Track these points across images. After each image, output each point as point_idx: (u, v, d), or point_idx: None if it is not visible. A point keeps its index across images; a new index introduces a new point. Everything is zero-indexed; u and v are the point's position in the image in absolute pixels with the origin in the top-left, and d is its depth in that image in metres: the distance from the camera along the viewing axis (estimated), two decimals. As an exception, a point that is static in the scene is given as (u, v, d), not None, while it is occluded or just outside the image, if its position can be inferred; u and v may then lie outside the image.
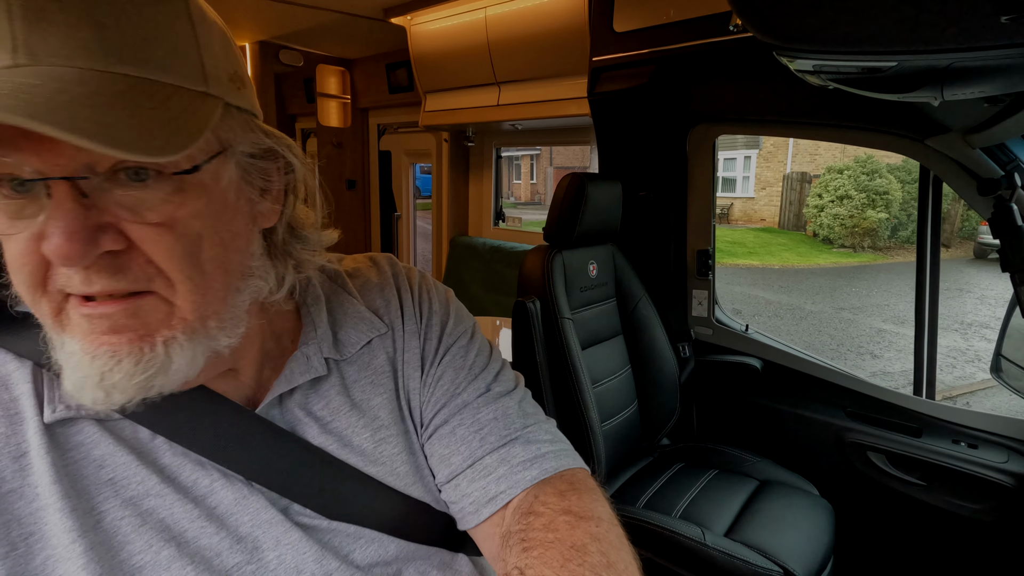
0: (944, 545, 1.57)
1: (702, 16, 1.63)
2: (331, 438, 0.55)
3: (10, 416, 0.45)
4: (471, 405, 0.59)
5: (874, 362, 5.98)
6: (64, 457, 0.46)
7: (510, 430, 0.58)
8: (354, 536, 0.54)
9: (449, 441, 0.58)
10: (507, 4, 2.32)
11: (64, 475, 0.45)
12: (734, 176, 16.18)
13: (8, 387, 0.47)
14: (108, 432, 0.48)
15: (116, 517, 0.45)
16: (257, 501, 0.50)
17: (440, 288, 0.67)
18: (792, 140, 13.78)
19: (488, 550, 0.57)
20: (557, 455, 0.58)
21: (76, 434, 0.47)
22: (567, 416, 1.59)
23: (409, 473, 0.58)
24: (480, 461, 0.57)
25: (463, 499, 0.57)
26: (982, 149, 1.36)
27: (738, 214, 15.81)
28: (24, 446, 0.45)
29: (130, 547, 0.45)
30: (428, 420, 0.60)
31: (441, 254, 3.36)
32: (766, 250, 11.98)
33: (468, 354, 0.63)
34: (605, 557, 0.48)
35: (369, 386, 0.58)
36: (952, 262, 10.32)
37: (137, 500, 0.46)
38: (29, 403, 0.46)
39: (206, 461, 0.50)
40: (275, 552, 0.49)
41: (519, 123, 2.71)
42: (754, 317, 7.36)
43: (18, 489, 0.44)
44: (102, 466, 0.46)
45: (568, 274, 1.69)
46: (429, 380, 0.61)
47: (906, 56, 0.71)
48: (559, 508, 0.52)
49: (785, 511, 1.49)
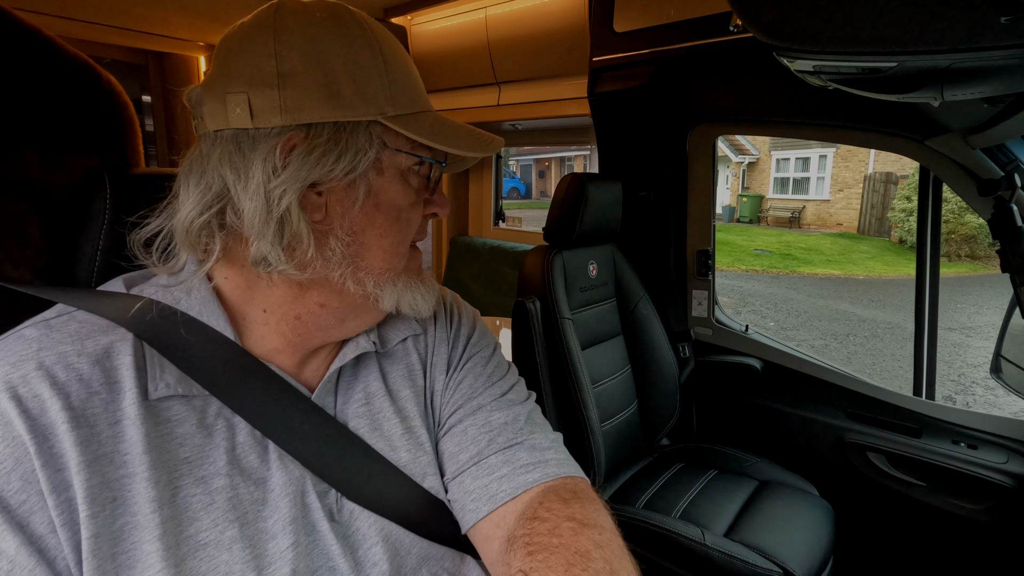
0: (944, 545, 1.56)
1: (702, 16, 1.63)
2: (365, 420, 0.59)
3: (111, 384, 0.48)
4: (484, 408, 0.63)
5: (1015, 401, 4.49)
6: (156, 430, 0.48)
7: (518, 435, 0.61)
8: (376, 527, 0.57)
9: (461, 439, 0.62)
10: (507, 4, 2.32)
11: (154, 447, 0.47)
12: (807, 176, 15.52)
13: (111, 356, 0.49)
14: (194, 410, 0.51)
15: (189, 494, 0.48)
16: (306, 484, 0.54)
17: (469, 308, 0.75)
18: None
19: (487, 554, 0.58)
20: (560, 463, 0.61)
21: (166, 410, 0.50)
22: (567, 416, 1.59)
23: (430, 463, 0.62)
24: (486, 460, 0.60)
25: (465, 495, 0.59)
26: (982, 150, 1.36)
27: (811, 218, 15.15)
28: (119, 414, 0.47)
29: (198, 523, 0.48)
30: (444, 419, 0.64)
31: (441, 254, 3.36)
32: (847, 258, 11.37)
33: (488, 364, 0.68)
34: (608, 564, 0.49)
35: (401, 379, 0.64)
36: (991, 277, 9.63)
37: (208, 479, 0.49)
38: (129, 374, 0.48)
39: (267, 443, 0.54)
40: (313, 536, 0.53)
41: (519, 123, 2.71)
42: (848, 337, 6.61)
43: (110, 454, 0.46)
44: (182, 444, 0.49)
45: (568, 274, 1.69)
46: (451, 383, 0.66)
47: (906, 56, 0.71)
48: (563, 515, 0.53)
49: (785, 511, 1.49)
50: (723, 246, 12.81)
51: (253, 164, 0.49)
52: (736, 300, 8.53)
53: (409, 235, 0.59)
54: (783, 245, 12.82)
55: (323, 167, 0.50)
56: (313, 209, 0.52)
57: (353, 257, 0.55)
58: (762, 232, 14.94)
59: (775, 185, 16.94)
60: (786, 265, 10.97)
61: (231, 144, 0.50)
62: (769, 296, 8.75)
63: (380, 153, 0.53)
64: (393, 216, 0.56)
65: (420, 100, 0.57)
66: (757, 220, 16.72)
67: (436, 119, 0.58)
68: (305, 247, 0.51)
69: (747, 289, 9.31)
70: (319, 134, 0.50)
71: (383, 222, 0.55)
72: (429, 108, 0.59)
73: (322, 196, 0.53)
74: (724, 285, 9.61)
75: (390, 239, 0.56)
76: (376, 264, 0.56)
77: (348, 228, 0.54)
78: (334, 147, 0.50)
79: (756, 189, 17.52)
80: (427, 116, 0.57)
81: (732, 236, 14.19)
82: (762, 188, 17.39)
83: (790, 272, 10.49)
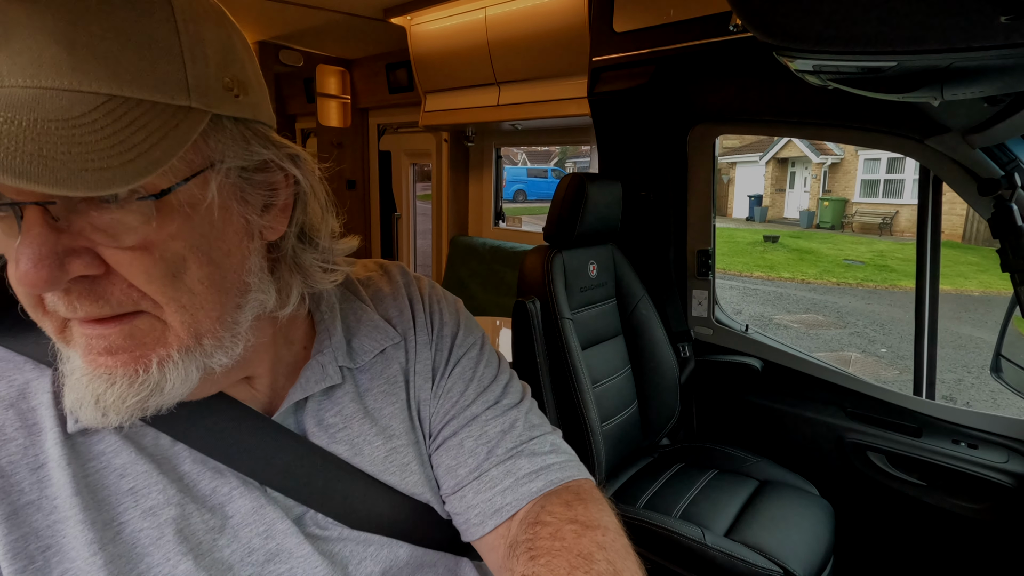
0: (944, 545, 1.56)
1: (702, 16, 1.63)
2: (343, 446, 0.55)
3: (28, 427, 0.44)
4: (479, 418, 0.60)
5: None
6: (85, 468, 0.45)
7: (516, 443, 0.59)
8: (365, 543, 0.54)
9: (457, 453, 0.59)
10: (507, 4, 2.32)
11: (84, 486, 0.44)
12: (900, 178, 13.98)
13: (27, 396, 0.45)
14: (129, 440, 0.47)
15: (136, 528, 0.45)
16: (273, 511, 0.50)
17: (450, 298, 0.68)
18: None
19: (492, 561, 0.57)
20: (562, 466, 0.59)
21: (97, 443, 0.46)
22: (567, 416, 1.59)
23: (420, 483, 0.58)
24: (486, 473, 0.57)
25: (468, 511, 0.57)
26: (982, 149, 1.36)
27: (904, 224, 13.66)
28: (43, 457, 0.44)
29: (148, 559, 0.44)
30: (436, 431, 0.60)
31: (441, 254, 3.36)
32: (954, 270, 10.06)
33: (478, 366, 0.63)
34: (612, 565, 0.48)
35: (382, 395, 0.58)
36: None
37: (156, 510, 0.45)
38: (49, 413, 0.45)
39: (224, 468, 0.49)
40: (287, 565, 0.49)
41: (519, 123, 2.71)
42: (983, 369, 5.47)
43: (36, 501, 0.43)
44: (123, 475, 0.46)
45: (568, 274, 1.69)
46: (439, 391, 0.61)
47: (906, 56, 0.71)
48: (565, 518, 0.52)
49: (785, 511, 1.49)
50: (807, 255, 11.99)
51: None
52: (832, 319, 7.55)
53: (21, 298, 0.41)
54: (876, 255, 11.74)
55: None
56: None
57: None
58: (849, 240, 13.76)
59: (862, 188, 15.43)
60: (883, 278, 9.86)
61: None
62: (871, 315, 7.74)
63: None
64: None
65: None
66: (840, 226, 15.44)
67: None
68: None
69: (843, 306, 8.22)
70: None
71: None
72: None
73: None
74: (814, 300, 8.57)
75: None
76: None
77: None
78: None
79: (839, 192, 16.19)
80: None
81: (816, 244, 13.13)
82: (846, 191, 16.00)
83: (889, 286, 9.37)
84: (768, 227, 16.19)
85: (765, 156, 18.25)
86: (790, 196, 18.38)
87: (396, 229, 4.01)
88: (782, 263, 11.41)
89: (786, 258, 11.91)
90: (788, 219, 17.82)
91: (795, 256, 12.08)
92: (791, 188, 18.37)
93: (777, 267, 11.08)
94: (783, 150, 17.61)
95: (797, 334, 7.07)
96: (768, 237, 13.69)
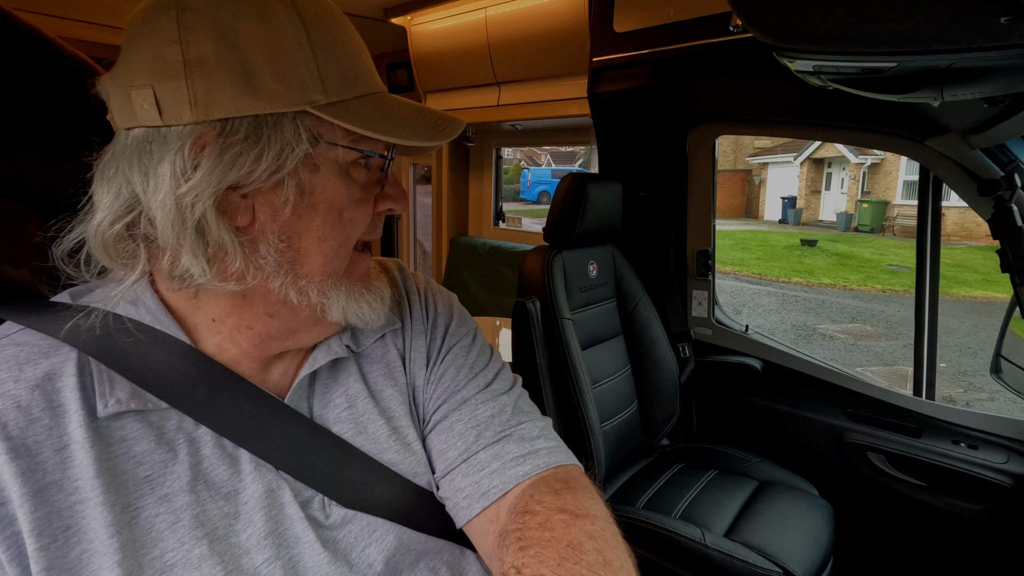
0: (944, 545, 1.56)
1: (702, 16, 1.63)
2: (348, 424, 0.57)
3: (53, 408, 0.45)
4: (469, 402, 0.61)
5: None
6: (107, 451, 0.46)
7: (505, 427, 0.60)
8: (369, 529, 0.55)
9: (447, 436, 0.60)
10: (507, 4, 2.32)
11: (106, 469, 0.45)
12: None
13: (52, 379, 0.46)
14: (150, 426, 0.48)
15: (151, 514, 0.46)
16: (284, 495, 0.52)
17: (444, 292, 0.71)
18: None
19: (483, 548, 0.58)
20: (550, 451, 0.59)
21: (120, 428, 0.47)
22: (567, 416, 1.59)
23: (420, 463, 0.60)
24: (474, 456, 0.58)
25: (457, 494, 0.58)
26: (982, 150, 1.36)
27: (952, 227, 12.85)
28: (66, 439, 0.45)
29: (163, 544, 0.46)
30: (429, 415, 0.62)
31: (441, 254, 3.36)
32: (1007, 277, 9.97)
33: (469, 353, 0.65)
34: (601, 555, 0.48)
35: (382, 378, 0.61)
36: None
37: (172, 496, 0.47)
38: (73, 396, 0.46)
39: (240, 453, 0.51)
40: (296, 548, 0.51)
41: (519, 123, 2.71)
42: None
43: (58, 481, 0.44)
44: (141, 463, 0.47)
45: (568, 274, 1.69)
46: (432, 377, 0.63)
47: (906, 56, 0.71)
48: (554, 507, 0.52)
49: (785, 511, 1.49)
50: (848, 260, 11.51)
51: (161, 168, 0.44)
52: (882, 329, 7.04)
53: (354, 236, 0.53)
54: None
55: (240, 168, 0.45)
56: (237, 214, 0.47)
57: (291, 264, 0.50)
58: (891, 244, 13.09)
59: (904, 189, 14.80)
60: (932, 285, 9.60)
61: (141, 145, 0.45)
62: (922, 326, 7.46)
63: (312, 148, 0.47)
64: (333, 217, 0.50)
65: (363, 82, 0.50)
66: (881, 229, 14.86)
67: (379, 103, 0.51)
68: (232, 257, 0.47)
69: (891, 315, 7.70)
70: (235, 130, 0.44)
71: (321, 224, 0.50)
72: (375, 90, 0.52)
73: (247, 198, 0.47)
74: (859, 308, 8.04)
75: (330, 242, 0.51)
76: (317, 270, 0.51)
77: (280, 233, 0.48)
78: (253, 145, 0.45)
79: (879, 194, 15.58)
80: (369, 101, 0.50)
81: (857, 248, 12.46)
82: (887, 193, 15.36)
83: (940, 294, 9.17)
84: (803, 230, 15.69)
85: (800, 156, 17.70)
86: (826, 198, 17.82)
87: (396, 229, 4.01)
88: (822, 268, 10.98)
89: (826, 263, 11.44)
90: (824, 222, 17.27)
91: (835, 261, 11.61)
92: (827, 189, 17.80)
93: (816, 272, 10.64)
94: (818, 151, 17.07)
95: (845, 346, 6.59)
96: (806, 241, 13.19)
